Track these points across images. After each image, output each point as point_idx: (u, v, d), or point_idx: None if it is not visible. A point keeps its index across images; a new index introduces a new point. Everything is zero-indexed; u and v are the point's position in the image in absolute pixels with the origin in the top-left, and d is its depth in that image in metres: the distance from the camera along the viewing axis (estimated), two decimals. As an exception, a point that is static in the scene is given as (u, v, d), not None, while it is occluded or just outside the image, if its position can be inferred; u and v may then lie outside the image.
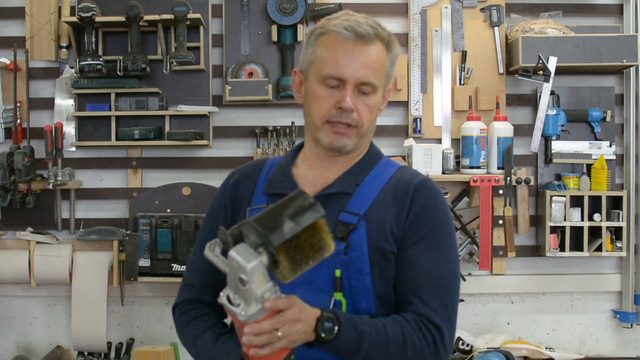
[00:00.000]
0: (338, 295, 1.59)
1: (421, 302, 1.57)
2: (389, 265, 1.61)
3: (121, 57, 3.13)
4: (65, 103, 3.26)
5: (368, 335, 1.52)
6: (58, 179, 3.17)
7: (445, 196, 3.11)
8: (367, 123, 1.64)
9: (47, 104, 3.28)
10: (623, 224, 3.18)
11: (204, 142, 3.19)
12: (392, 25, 3.31)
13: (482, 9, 3.29)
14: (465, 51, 3.27)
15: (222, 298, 1.40)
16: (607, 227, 3.18)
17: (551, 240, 3.17)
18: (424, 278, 1.58)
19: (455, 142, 3.28)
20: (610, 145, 3.26)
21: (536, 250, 3.30)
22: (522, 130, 3.30)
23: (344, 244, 1.59)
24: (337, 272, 1.58)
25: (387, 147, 3.30)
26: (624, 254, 3.21)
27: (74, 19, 3.09)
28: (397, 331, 1.55)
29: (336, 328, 1.48)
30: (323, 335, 1.47)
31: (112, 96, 3.19)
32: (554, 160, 3.26)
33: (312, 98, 1.64)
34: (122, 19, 3.10)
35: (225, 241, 1.42)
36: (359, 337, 1.51)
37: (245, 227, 1.40)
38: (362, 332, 1.51)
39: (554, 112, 3.22)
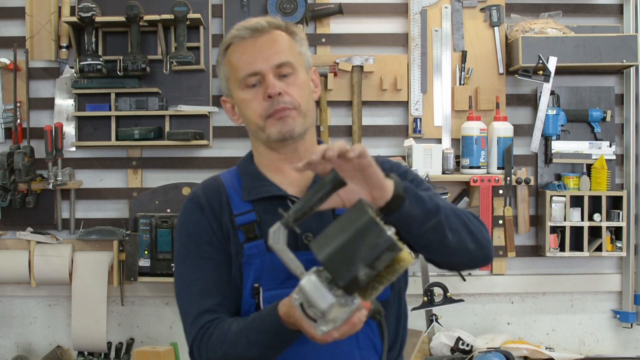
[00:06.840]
0: None
1: None
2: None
3: (121, 57, 3.13)
4: (65, 103, 3.26)
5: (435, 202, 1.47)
6: (58, 179, 3.17)
7: (445, 196, 3.15)
8: (303, 101, 1.61)
9: (47, 104, 3.28)
10: (623, 224, 3.18)
11: (204, 142, 3.19)
12: (392, 25, 3.33)
13: (482, 9, 3.29)
14: (465, 51, 3.27)
15: (296, 301, 1.32)
16: (607, 227, 3.18)
17: (551, 240, 3.17)
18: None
19: (455, 142, 3.27)
20: (610, 145, 3.25)
21: (536, 250, 3.30)
22: (522, 130, 3.29)
23: None
24: None
25: (387, 147, 3.30)
26: (624, 254, 3.21)
27: (74, 19, 3.09)
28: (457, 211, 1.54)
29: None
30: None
31: (112, 96, 3.19)
32: (554, 160, 3.25)
33: (244, 106, 1.63)
34: (122, 19, 3.10)
35: (289, 225, 1.34)
36: (429, 200, 1.46)
37: (323, 264, 1.29)
38: (426, 200, 1.46)
39: (554, 112, 3.22)
